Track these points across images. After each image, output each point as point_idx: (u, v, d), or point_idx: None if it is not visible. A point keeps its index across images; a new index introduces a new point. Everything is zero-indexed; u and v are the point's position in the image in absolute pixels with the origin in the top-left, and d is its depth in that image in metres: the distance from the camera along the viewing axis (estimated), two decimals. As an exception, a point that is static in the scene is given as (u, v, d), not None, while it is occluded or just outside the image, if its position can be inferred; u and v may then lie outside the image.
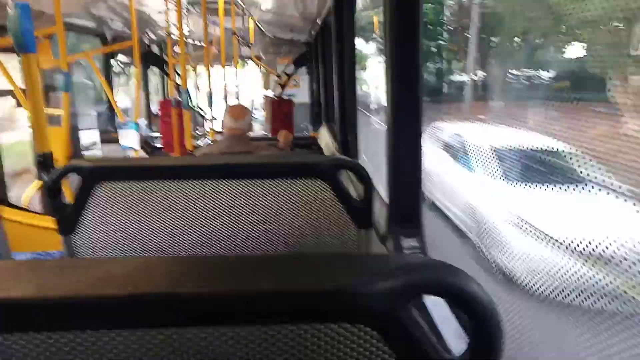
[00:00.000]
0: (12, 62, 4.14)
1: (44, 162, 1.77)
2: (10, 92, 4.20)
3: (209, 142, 5.58)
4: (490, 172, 2.00)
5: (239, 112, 3.01)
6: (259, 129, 9.59)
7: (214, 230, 1.46)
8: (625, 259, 1.00)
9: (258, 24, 7.50)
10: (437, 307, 1.20)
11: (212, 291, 0.51)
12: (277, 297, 0.51)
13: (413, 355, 0.52)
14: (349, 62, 3.39)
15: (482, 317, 0.52)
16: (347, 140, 3.43)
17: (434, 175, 2.69)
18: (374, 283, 0.51)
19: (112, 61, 7.06)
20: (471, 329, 0.53)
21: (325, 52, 5.40)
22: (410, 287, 0.52)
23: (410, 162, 1.60)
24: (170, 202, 1.42)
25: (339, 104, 3.59)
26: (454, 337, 1.08)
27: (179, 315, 0.51)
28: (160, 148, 6.53)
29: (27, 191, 4.06)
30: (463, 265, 0.55)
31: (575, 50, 1.71)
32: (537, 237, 1.61)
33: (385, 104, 1.63)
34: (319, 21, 5.28)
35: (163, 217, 1.44)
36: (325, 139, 4.93)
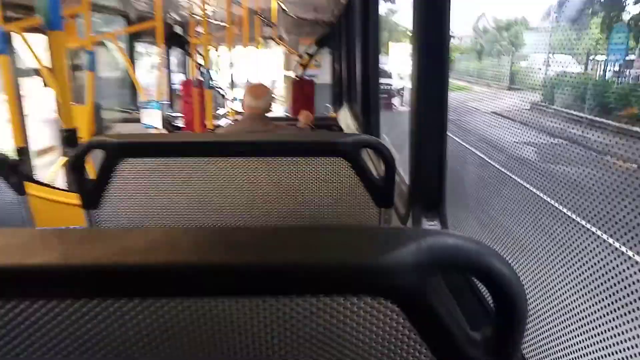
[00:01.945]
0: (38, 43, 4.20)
1: (69, 137, 1.79)
2: (36, 71, 4.27)
3: (230, 121, 5.60)
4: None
5: (259, 92, 3.00)
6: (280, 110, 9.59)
7: (234, 207, 1.47)
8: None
9: (281, 3, 7.43)
10: (458, 279, 1.19)
11: (235, 261, 0.51)
12: (298, 269, 0.51)
13: (434, 330, 0.51)
14: (373, 42, 3.34)
15: (507, 296, 0.50)
16: (369, 120, 3.40)
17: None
18: (395, 256, 0.49)
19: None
20: (495, 307, 0.51)
21: (348, 32, 5.33)
22: (434, 262, 0.50)
23: (434, 142, 1.57)
24: (193, 178, 1.43)
25: (361, 84, 3.55)
26: (478, 313, 1.09)
27: (200, 285, 0.51)
28: (181, 127, 6.59)
29: (52, 168, 4.15)
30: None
31: None
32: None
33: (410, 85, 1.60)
34: (342, 1, 5.20)
35: (185, 193, 1.44)
36: (346, 120, 4.90)
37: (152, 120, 4.80)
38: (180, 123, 6.75)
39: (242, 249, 0.53)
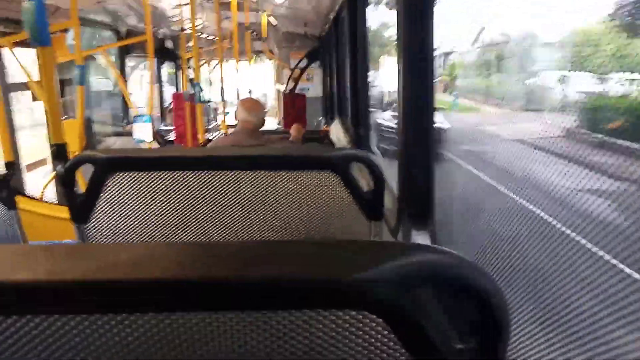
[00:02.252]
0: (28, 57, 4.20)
1: (58, 152, 1.80)
2: (25, 85, 4.26)
3: (221, 134, 5.61)
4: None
5: (252, 106, 3.02)
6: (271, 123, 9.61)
7: (225, 221, 1.47)
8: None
9: (271, 18, 7.50)
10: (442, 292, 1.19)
11: (219, 276, 0.51)
12: (283, 283, 0.51)
13: (419, 343, 0.52)
14: (362, 56, 3.38)
15: (488, 308, 0.52)
16: (359, 134, 3.43)
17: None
18: (379, 270, 0.50)
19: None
20: (478, 319, 0.53)
21: (338, 46, 5.39)
22: (416, 275, 0.51)
23: (421, 155, 1.59)
24: (183, 192, 1.44)
25: (351, 98, 3.59)
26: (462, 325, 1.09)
27: (186, 300, 0.51)
28: (172, 141, 6.59)
29: (43, 182, 4.12)
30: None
31: None
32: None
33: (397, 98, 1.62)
34: (331, 15, 5.26)
35: (175, 207, 1.45)
36: (337, 133, 4.93)
37: (143, 134, 4.80)
38: (171, 136, 6.76)
39: (228, 264, 0.54)
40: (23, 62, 4.00)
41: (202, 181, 1.43)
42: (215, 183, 1.43)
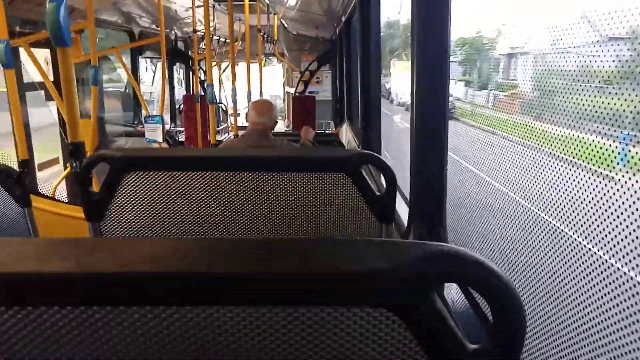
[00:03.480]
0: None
1: (75, 151, 1.82)
2: (40, 85, 4.31)
3: (232, 136, 5.64)
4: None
5: (263, 108, 3.03)
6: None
7: (236, 221, 1.49)
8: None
9: (282, 20, 7.53)
10: (456, 293, 1.20)
11: (237, 271, 0.53)
12: (301, 278, 0.52)
13: (434, 341, 0.53)
14: (374, 59, 3.39)
15: (505, 308, 0.52)
16: (370, 136, 3.43)
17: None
18: (397, 268, 0.51)
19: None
20: (493, 319, 0.53)
21: (348, 49, 5.40)
22: (434, 275, 0.52)
23: (434, 157, 1.59)
24: (196, 192, 1.45)
25: (362, 101, 3.59)
26: (476, 327, 1.10)
27: (206, 294, 0.53)
28: (182, 142, 6.64)
29: (55, 181, 4.17)
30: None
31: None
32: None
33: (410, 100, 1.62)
34: (343, 18, 5.28)
35: (188, 206, 1.47)
36: (347, 136, 4.94)
37: (154, 134, 4.85)
38: (182, 137, 6.81)
39: (246, 259, 0.55)
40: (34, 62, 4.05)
41: (216, 181, 1.45)
42: (227, 183, 1.45)
